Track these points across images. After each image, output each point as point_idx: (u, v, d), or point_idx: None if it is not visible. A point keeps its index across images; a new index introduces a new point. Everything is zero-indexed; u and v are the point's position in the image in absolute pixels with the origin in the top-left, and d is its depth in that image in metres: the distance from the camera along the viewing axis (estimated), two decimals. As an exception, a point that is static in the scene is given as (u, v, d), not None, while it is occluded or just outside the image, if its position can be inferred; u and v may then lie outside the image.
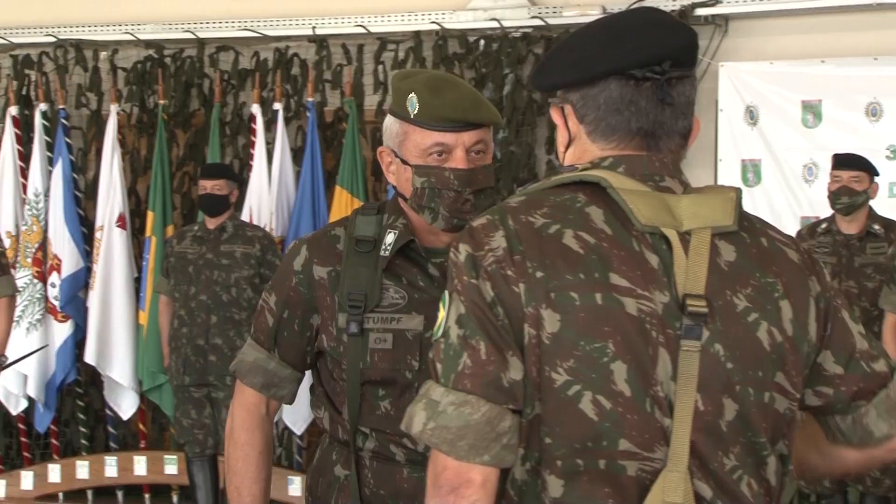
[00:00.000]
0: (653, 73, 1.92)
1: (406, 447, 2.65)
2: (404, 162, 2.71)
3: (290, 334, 2.78)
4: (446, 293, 1.90)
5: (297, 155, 7.83)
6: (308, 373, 2.88)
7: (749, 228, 1.96)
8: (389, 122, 2.76)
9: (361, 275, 2.70)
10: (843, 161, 6.16)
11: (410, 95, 2.68)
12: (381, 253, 2.71)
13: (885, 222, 6.21)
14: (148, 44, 8.29)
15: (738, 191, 1.98)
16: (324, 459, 2.82)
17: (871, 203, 6.22)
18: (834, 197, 6.15)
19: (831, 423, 2.06)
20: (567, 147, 2.03)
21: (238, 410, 2.86)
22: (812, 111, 7.13)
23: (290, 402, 2.88)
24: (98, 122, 8.32)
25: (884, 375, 2.03)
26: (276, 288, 2.81)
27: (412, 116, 2.68)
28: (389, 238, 2.72)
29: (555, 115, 2.04)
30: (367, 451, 2.71)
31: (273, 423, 2.90)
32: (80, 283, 7.89)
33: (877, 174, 6.15)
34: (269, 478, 2.87)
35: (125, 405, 7.87)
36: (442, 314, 1.89)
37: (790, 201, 7.11)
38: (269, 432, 2.87)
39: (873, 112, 7.00)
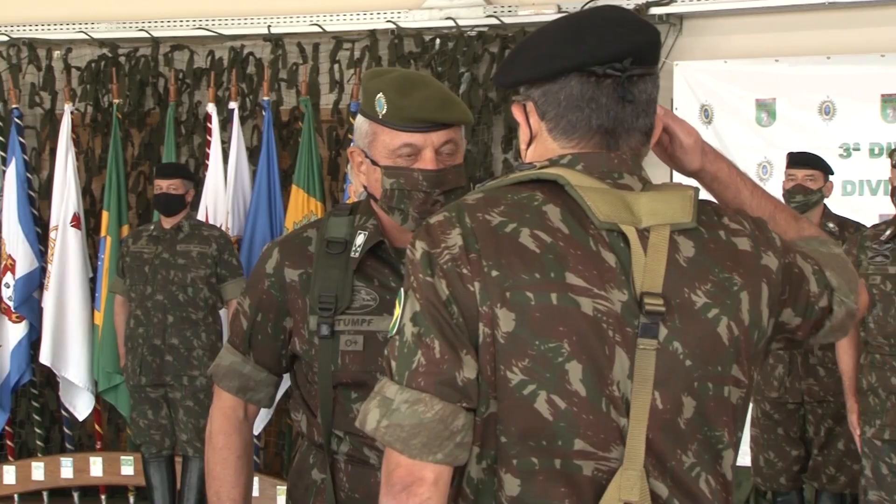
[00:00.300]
0: (613, 69, 1.91)
1: (380, 450, 2.61)
2: (374, 163, 2.69)
3: (264, 337, 2.76)
4: (402, 290, 1.89)
5: (253, 154, 7.81)
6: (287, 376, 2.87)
7: (707, 223, 1.95)
8: (360, 122, 2.74)
9: (332, 277, 2.68)
10: (798, 160, 6.18)
11: (378, 95, 2.66)
12: (352, 254, 2.70)
13: (840, 221, 6.23)
14: (102, 42, 8.24)
15: (697, 189, 1.98)
16: (301, 463, 2.81)
17: (826, 201, 6.25)
18: (789, 195, 6.17)
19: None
20: (529, 145, 2.02)
21: (216, 415, 2.84)
22: (766, 110, 7.17)
23: (269, 405, 2.86)
24: (52, 121, 8.27)
25: (828, 309, 2.07)
26: (250, 291, 2.79)
27: (380, 117, 2.66)
28: (359, 239, 2.70)
29: (516, 113, 2.03)
30: (341, 454, 2.69)
31: (252, 427, 2.87)
32: (34, 283, 7.83)
33: (831, 173, 6.17)
34: (250, 482, 2.85)
35: (81, 406, 7.82)
36: (397, 311, 1.88)
37: (745, 199, 7.13)
38: (248, 436, 2.85)
39: (826, 111, 7.05)
